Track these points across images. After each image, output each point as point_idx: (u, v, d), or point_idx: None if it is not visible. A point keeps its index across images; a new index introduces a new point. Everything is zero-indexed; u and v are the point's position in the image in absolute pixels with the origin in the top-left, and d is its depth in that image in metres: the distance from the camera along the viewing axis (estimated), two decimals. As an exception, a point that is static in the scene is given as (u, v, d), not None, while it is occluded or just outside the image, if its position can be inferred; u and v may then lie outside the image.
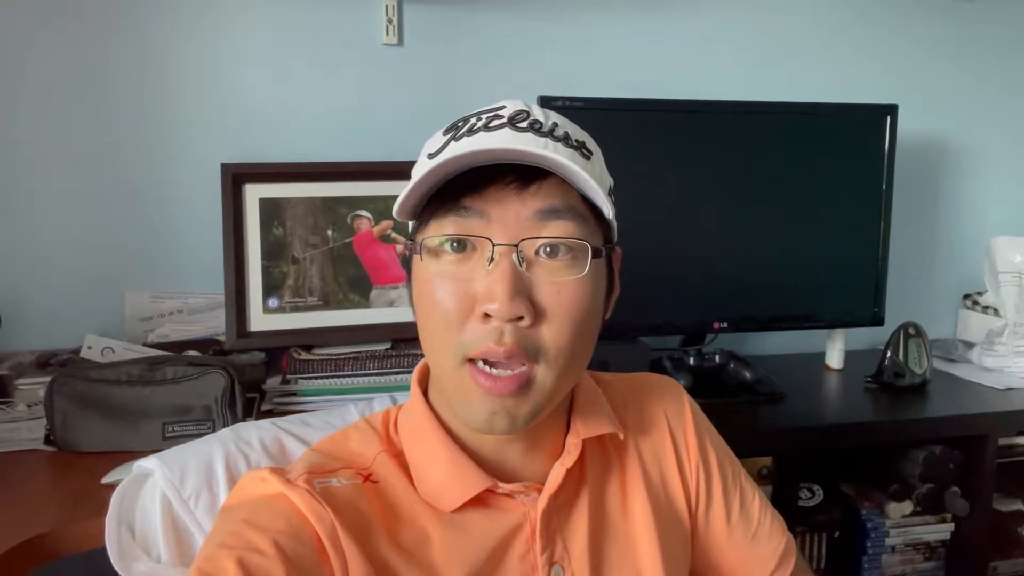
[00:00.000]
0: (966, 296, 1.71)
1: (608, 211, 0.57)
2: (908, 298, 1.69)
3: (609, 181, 0.61)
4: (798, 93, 1.62)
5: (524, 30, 1.50)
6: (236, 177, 1.25)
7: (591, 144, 0.59)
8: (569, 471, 0.62)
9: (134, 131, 1.35)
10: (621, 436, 0.66)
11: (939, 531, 1.41)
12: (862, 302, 1.50)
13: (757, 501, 0.75)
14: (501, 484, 0.59)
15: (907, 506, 1.37)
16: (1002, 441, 1.36)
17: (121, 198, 1.36)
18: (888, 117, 1.46)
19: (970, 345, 1.64)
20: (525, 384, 0.54)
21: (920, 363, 1.44)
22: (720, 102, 1.43)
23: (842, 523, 1.40)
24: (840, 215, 1.46)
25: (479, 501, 0.59)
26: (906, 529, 1.39)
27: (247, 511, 0.55)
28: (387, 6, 1.41)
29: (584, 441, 0.63)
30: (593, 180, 0.53)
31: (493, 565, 0.58)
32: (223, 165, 1.25)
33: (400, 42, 1.44)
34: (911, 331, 1.46)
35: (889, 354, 1.45)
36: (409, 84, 1.46)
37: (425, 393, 0.65)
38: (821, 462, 1.38)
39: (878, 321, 1.51)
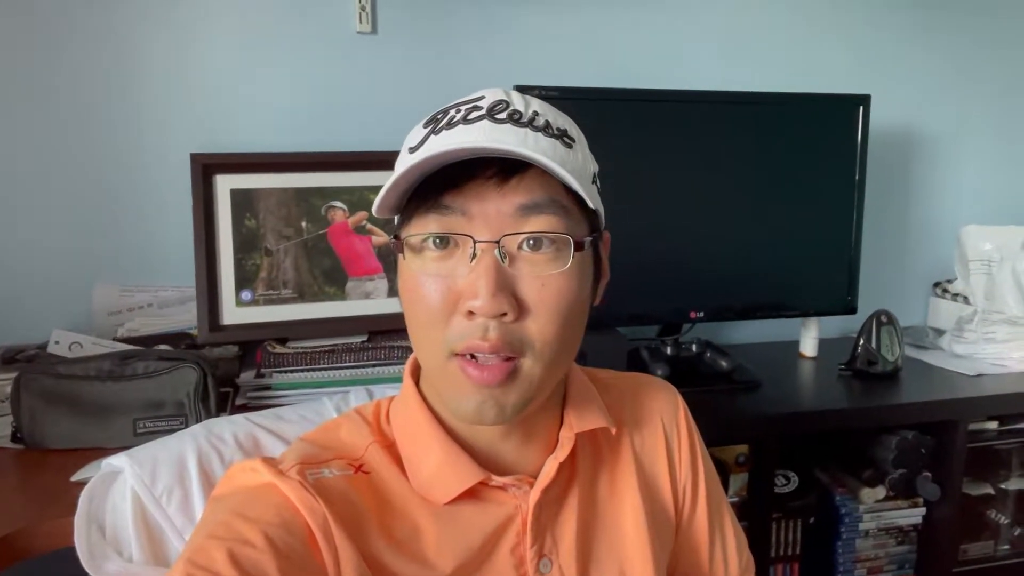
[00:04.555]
0: (936, 284, 1.74)
1: (591, 201, 0.56)
2: (880, 286, 1.71)
3: (593, 168, 0.60)
4: (772, 83, 1.63)
5: (500, 18, 1.49)
6: (206, 168, 1.23)
7: (574, 131, 0.58)
8: (561, 465, 0.61)
9: (101, 121, 1.32)
10: (613, 431, 0.66)
11: (911, 515, 1.43)
12: (835, 291, 1.52)
13: (732, 543, 0.75)
14: (495, 477, 0.59)
15: (880, 491, 1.39)
16: (972, 426, 1.39)
17: (88, 189, 1.32)
18: (861, 107, 1.47)
19: (940, 332, 1.66)
20: (512, 373, 0.54)
21: (892, 350, 1.46)
22: (694, 92, 1.44)
23: (817, 509, 1.42)
24: (813, 205, 1.48)
25: (472, 493, 0.59)
26: (879, 514, 1.41)
27: (237, 502, 0.54)
28: (360, -7, 1.39)
29: (576, 435, 0.63)
30: (574, 171, 0.53)
31: (484, 557, 0.58)
32: (193, 155, 1.23)
33: (374, 30, 1.42)
34: (883, 319, 1.48)
35: (862, 342, 1.47)
36: (384, 73, 1.44)
37: (417, 384, 0.64)
38: (796, 449, 1.40)
39: (851, 309, 1.53)
